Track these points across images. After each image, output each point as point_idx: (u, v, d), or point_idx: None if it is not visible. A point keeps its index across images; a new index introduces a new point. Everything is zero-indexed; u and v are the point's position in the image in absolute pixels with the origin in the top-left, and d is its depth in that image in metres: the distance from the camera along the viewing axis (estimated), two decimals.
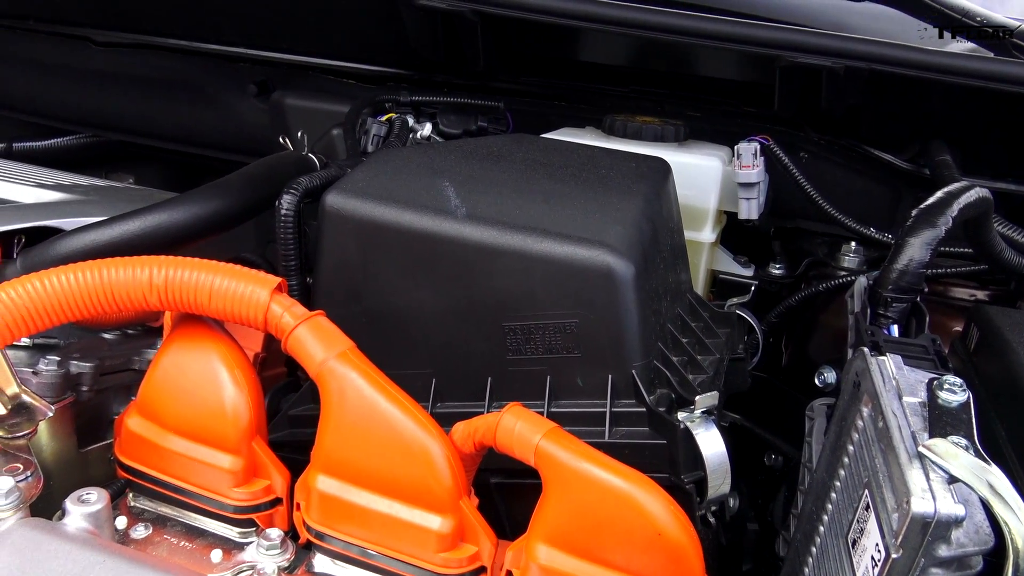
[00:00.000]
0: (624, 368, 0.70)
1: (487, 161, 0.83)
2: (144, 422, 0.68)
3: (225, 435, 0.65)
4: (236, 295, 0.64)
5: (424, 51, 1.10)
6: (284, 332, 0.64)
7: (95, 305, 0.64)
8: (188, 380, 0.66)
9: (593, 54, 1.17)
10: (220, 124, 1.42)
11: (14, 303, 0.61)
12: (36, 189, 1.08)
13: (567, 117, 1.20)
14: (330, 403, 0.63)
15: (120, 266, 0.64)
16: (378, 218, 0.74)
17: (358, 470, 0.63)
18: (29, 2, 1.41)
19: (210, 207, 0.91)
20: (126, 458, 0.69)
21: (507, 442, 0.61)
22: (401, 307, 0.75)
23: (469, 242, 0.71)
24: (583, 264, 0.69)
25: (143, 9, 1.37)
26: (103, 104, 1.50)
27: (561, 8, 0.94)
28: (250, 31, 1.34)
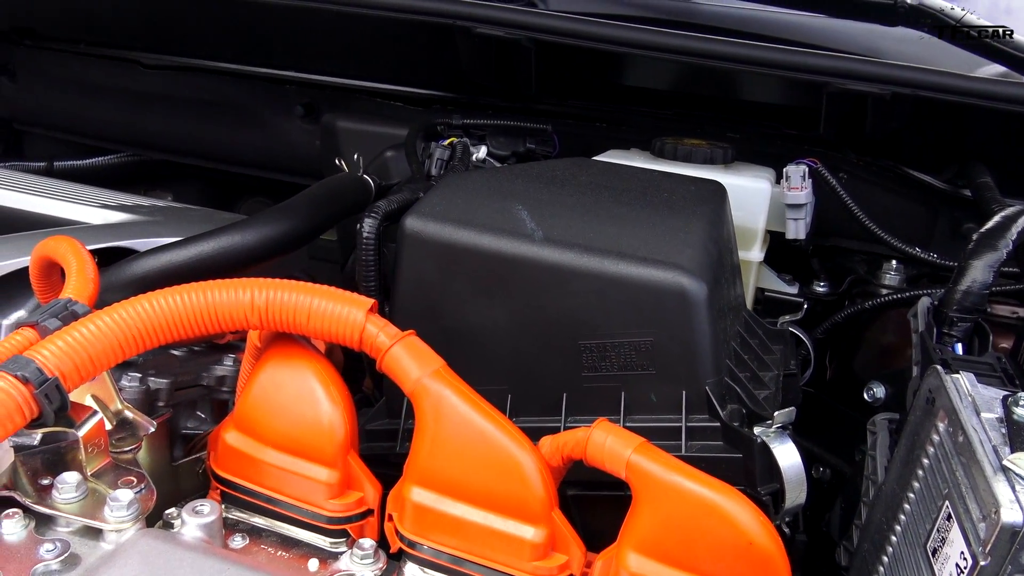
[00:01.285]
0: (697, 385, 0.73)
1: (553, 185, 0.87)
2: (241, 436, 0.71)
3: (322, 449, 0.68)
4: (333, 316, 0.67)
5: (476, 76, 1.14)
6: (380, 351, 0.67)
7: (200, 325, 0.67)
8: (285, 396, 0.70)
9: (638, 79, 1.21)
10: (265, 144, 1.46)
11: (126, 323, 0.64)
12: (101, 210, 1.11)
13: (609, 139, 1.24)
14: (425, 419, 0.66)
15: (223, 288, 0.67)
16: (457, 241, 0.77)
17: (453, 482, 0.66)
18: (83, 27, 1.45)
19: (279, 229, 0.94)
20: (222, 471, 0.72)
21: (598, 456, 0.64)
22: (477, 325, 0.78)
23: (547, 264, 0.75)
24: (658, 285, 0.72)
25: (192, 34, 1.41)
26: (148, 124, 1.54)
27: (617, 36, 0.98)
28: (298, 55, 1.38)
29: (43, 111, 1.65)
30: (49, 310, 0.67)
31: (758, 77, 1.08)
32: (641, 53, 0.99)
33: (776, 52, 0.96)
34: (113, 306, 0.65)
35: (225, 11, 1.31)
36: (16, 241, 0.96)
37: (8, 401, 0.58)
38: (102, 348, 0.63)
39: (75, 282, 0.73)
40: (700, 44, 0.95)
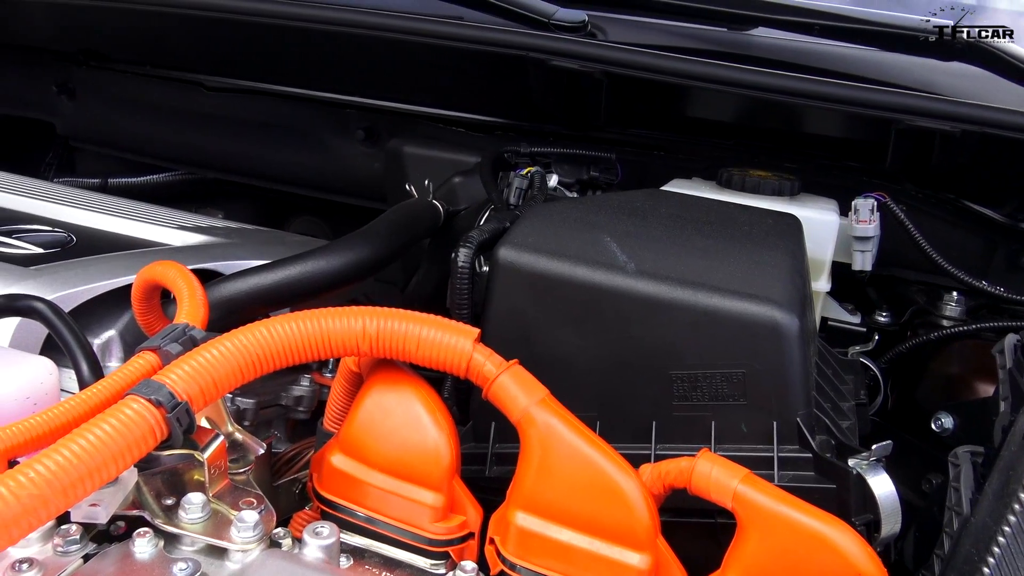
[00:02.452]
0: (789, 416, 0.75)
1: (636, 217, 0.89)
2: (347, 459, 0.73)
3: (429, 473, 0.71)
4: (441, 344, 0.69)
5: (546, 105, 1.17)
6: (487, 380, 0.69)
7: (314, 351, 0.70)
8: (392, 421, 0.72)
9: (700, 110, 1.23)
10: (323, 165, 1.49)
11: (247, 349, 0.67)
12: (178, 231, 1.14)
13: (667, 167, 1.26)
14: (531, 446, 0.69)
15: (337, 316, 0.70)
16: (550, 271, 0.80)
17: (558, 508, 0.68)
18: (150, 50, 1.48)
19: (362, 254, 0.97)
20: (327, 492, 0.74)
21: (703, 485, 0.66)
22: (568, 353, 0.80)
23: (640, 296, 0.77)
24: (752, 319, 0.74)
25: (256, 59, 1.44)
26: (206, 144, 1.57)
27: (692, 71, 1.00)
28: (360, 80, 1.41)
29: (100, 129, 1.69)
30: (169, 335, 0.70)
31: (823, 111, 1.10)
32: (716, 88, 1.02)
33: (849, 89, 0.98)
34: (232, 332, 0.68)
35: (289, 38, 1.34)
36: (106, 263, 0.99)
37: (143, 423, 0.60)
38: (224, 373, 0.65)
39: (188, 307, 0.75)
40: (776, 80, 0.98)
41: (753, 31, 1.39)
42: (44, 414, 0.62)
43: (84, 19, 1.46)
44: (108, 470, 0.58)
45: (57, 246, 1.06)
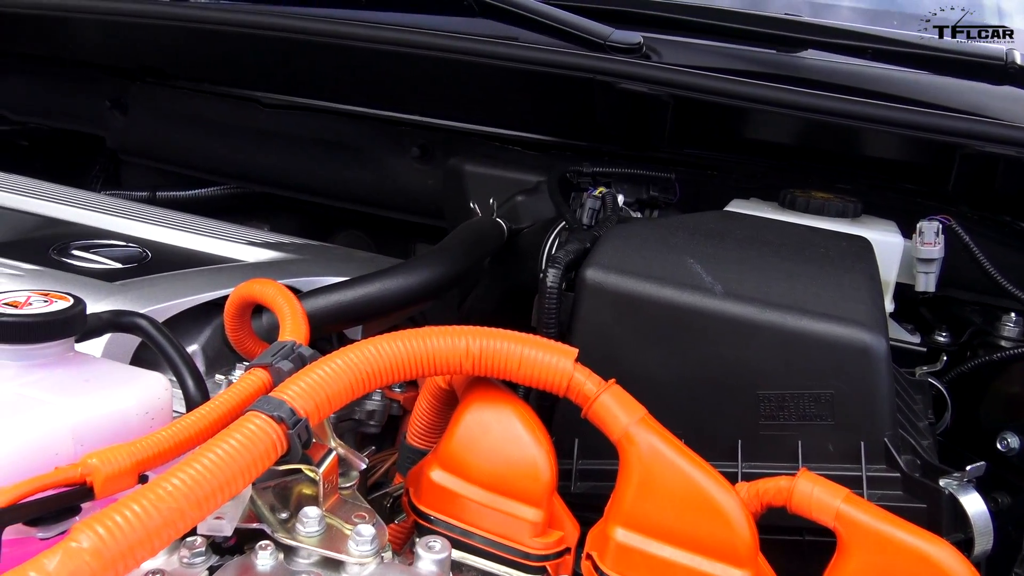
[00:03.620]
0: (876, 436, 0.77)
1: (713, 238, 0.91)
2: (446, 474, 0.75)
3: (529, 489, 0.72)
4: (542, 364, 0.71)
5: (609, 126, 1.19)
6: (587, 399, 0.71)
7: (419, 369, 0.71)
8: (491, 438, 0.74)
9: (761, 131, 1.25)
10: (377, 182, 1.51)
11: (357, 366, 0.69)
12: (248, 247, 1.16)
13: (722, 187, 1.28)
14: (631, 464, 0.70)
15: (441, 335, 0.72)
16: (638, 292, 0.82)
17: (658, 525, 0.69)
18: (210, 68, 1.51)
19: (437, 272, 0.99)
20: (425, 506, 0.76)
21: (804, 504, 0.68)
22: (653, 373, 0.82)
23: (728, 318, 0.79)
24: (840, 341, 0.76)
25: (313, 77, 1.47)
26: (260, 159, 1.60)
27: (763, 95, 1.02)
28: (416, 99, 1.43)
29: (150, 143, 1.71)
30: (279, 353, 0.72)
31: (884, 134, 1.12)
32: (783, 112, 1.04)
33: (919, 115, 1.00)
34: (343, 350, 0.70)
35: (346, 57, 1.37)
36: (188, 278, 1.02)
37: (266, 439, 0.62)
38: (337, 390, 0.67)
39: (290, 325, 0.77)
40: (848, 106, 1.00)
41: (803, 53, 1.41)
42: (169, 429, 0.64)
43: (144, 37, 1.48)
44: (236, 484, 0.60)
45: (133, 261, 1.09)
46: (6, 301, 0.69)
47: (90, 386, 0.67)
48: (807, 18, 1.43)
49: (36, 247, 1.10)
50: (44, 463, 0.61)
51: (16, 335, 0.67)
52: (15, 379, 0.66)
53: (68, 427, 0.62)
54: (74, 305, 0.70)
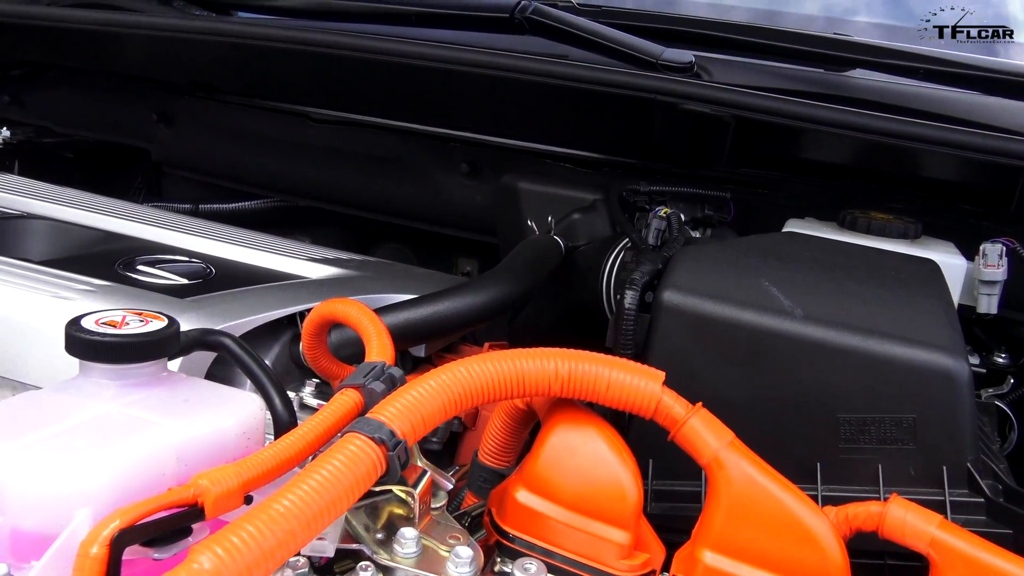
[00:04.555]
0: (959, 460, 0.77)
1: (783, 260, 0.92)
2: (531, 495, 0.75)
3: (616, 510, 0.73)
4: (631, 386, 0.72)
5: (668, 145, 1.20)
6: (676, 422, 0.72)
7: (509, 391, 0.72)
8: (578, 459, 0.74)
9: (818, 152, 1.26)
10: (426, 197, 1.52)
11: (450, 387, 0.69)
12: (310, 263, 1.17)
13: (773, 206, 1.29)
14: (719, 488, 0.71)
15: (531, 357, 0.72)
16: (717, 315, 0.82)
17: (748, 549, 0.70)
18: (261, 83, 1.52)
19: (504, 291, 1.00)
20: (509, 527, 0.76)
21: (897, 530, 0.68)
22: (730, 395, 0.83)
23: (808, 341, 0.79)
24: (923, 366, 0.77)
25: (363, 93, 1.48)
26: (307, 173, 1.61)
27: (827, 117, 1.03)
28: (467, 116, 1.44)
29: (195, 156, 1.73)
30: (371, 373, 0.72)
31: (943, 156, 1.12)
32: (845, 133, 1.04)
33: (982, 137, 1.01)
34: (435, 371, 0.70)
35: (396, 73, 1.38)
36: (258, 295, 1.03)
37: (367, 460, 0.62)
38: (431, 411, 0.68)
39: (377, 346, 0.78)
40: (914, 129, 1.00)
41: (850, 72, 1.42)
42: (271, 449, 0.64)
43: (195, 52, 1.50)
44: (341, 505, 0.60)
45: (199, 277, 1.10)
46: (104, 320, 0.70)
47: (190, 406, 0.68)
48: (856, 38, 1.43)
49: (101, 262, 1.11)
50: (152, 483, 0.61)
51: (117, 355, 0.68)
52: (116, 399, 0.67)
53: (173, 447, 0.63)
54: (169, 325, 0.71)
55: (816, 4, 1.65)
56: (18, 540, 0.56)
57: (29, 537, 0.56)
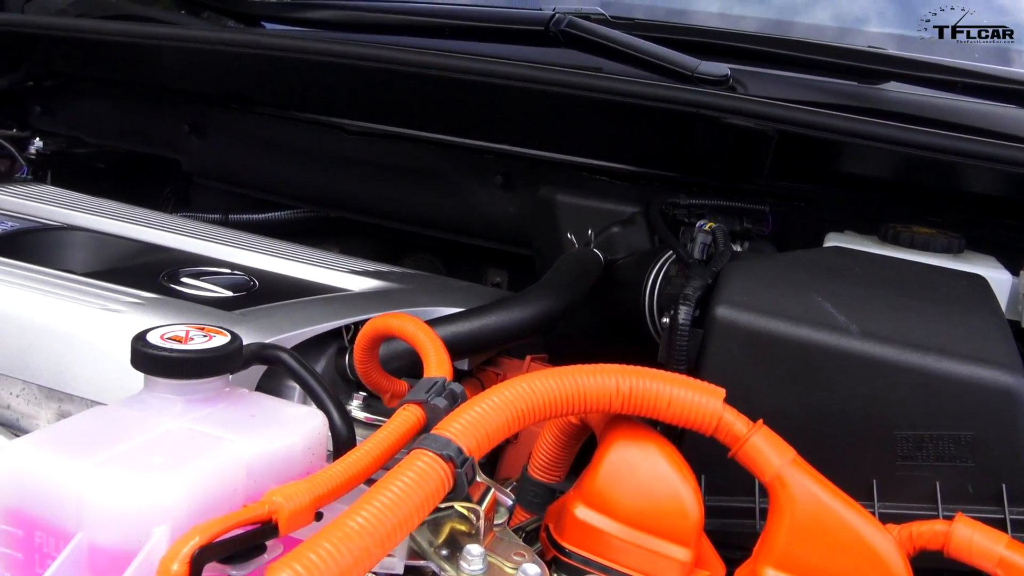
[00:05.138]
0: (1019, 478, 0.77)
1: (833, 275, 0.92)
2: (590, 511, 0.75)
3: (677, 527, 0.73)
4: (691, 403, 0.72)
5: (709, 159, 1.20)
6: (737, 439, 0.72)
7: (569, 407, 0.72)
8: (638, 476, 0.74)
9: (857, 165, 1.26)
10: (458, 209, 1.53)
11: (512, 403, 0.69)
12: (351, 276, 1.18)
13: (809, 219, 1.29)
14: (782, 505, 0.71)
15: (592, 374, 0.73)
16: (771, 331, 0.82)
17: (812, 567, 0.70)
18: (295, 94, 1.53)
19: (550, 305, 1.01)
20: (568, 543, 0.76)
21: (963, 549, 0.68)
22: (785, 411, 0.82)
23: (866, 358, 0.79)
24: (983, 383, 0.76)
25: (399, 106, 1.49)
26: (339, 184, 1.62)
27: (875, 132, 1.03)
28: (502, 128, 1.44)
29: (226, 167, 1.74)
30: (432, 389, 0.73)
31: (987, 170, 1.12)
32: (890, 148, 1.04)
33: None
34: (496, 388, 0.71)
35: (432, 86, 1.38)
36: (304, 308, 1.03)
37: (435, 477, 0.63)
38: (495, 427, 0.68)
39: (435, 362, 0.78)
40: (954, 143, 1.00)
41: (885, 85, 1.42)
42: (339, 465, 0.65)
43: (231, 64, 1.51)
44: (412, 522, 0.61)
45: (242, 289, 1.10)
46: (169, 335, 0.70)
47: (256, 422, 0.68)
48: (891, 51, 1.43)
49: (145, 274, 1.12)
50: (224, 500, 0.62)
51: (185, 370, 0.68)
52: (184, 414, 0.67)
53: (244, 463, 0.63)
54: (233, 340, 0.72)
55: (846, 16, 1.65)
56: (96, 556, 0.57)
57: (107, 553, 0.57)
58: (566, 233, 1.28)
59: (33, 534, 0.58)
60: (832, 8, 1.59)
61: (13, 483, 0.59)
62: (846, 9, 1.61)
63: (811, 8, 1.63)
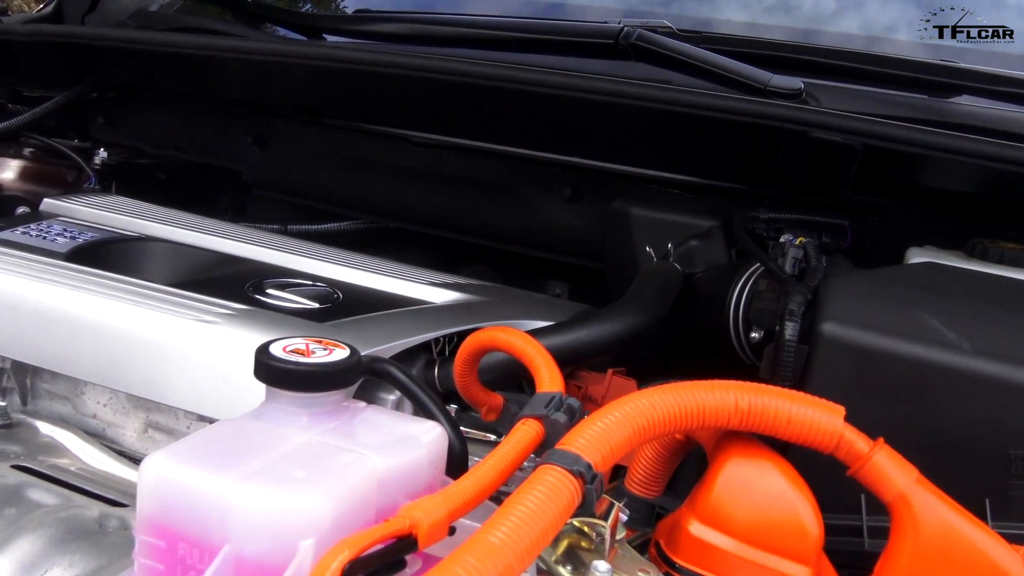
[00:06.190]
0: None
1: (935, 292, 0.91)
2: (705, 528, 0.75)
3: (797, 546, 0.72)
4: (811, 421, 0.71)
5: (791, 173, 1.19)
6: (859, 458, 0.71)
7: (687, 423, 0.72)
8: (755, 493, 0.74)
9: (940, 180, 1.25)
10: (524, 221, 1.52)
11: (632, 419, 0.69)
12: (430, 288, 1.18)
13: (882, 232, 1.28)
14: (906, 526, 0.70)
15: (710, 390, 0.72)
16: (880, 348, 0.82)
17: None
18: (362, 107, 1.54)
19: (640, 320, 1.01)
20: (682, 560, 0.76)
21: None
22: (892, 429, 0.81)
23: (980, 376, 0.79)
24: None
25: (466, 118, 1.49)
26: (402, 196, 1.62)
27: (967, 148, 1.02)
28: (569, 140, 1.44)
29: (289, 178, 1.75)
30: (551, 404, 0.73)
31: None
32: (972, 162, 1.04)
33: None
34: (617, 403, 0.70)
35: (499, 98, 1.38)
36: (394, 321, 1.03)
37: (567, 493, 0.63)
38: (618, 442, 0.68)
39: (549, 377, 0.78)
40: None
41: (956, 99, 1.41)
42: (468, 479, 0.65)
43: (298, 76, 1.52)
44: (547, 538, 0.60)
45: (328, 301, 1.11)
46: (291, 348, 0.70)
47: (382, 435, 0.68)
48: (963, 64, 1.43)
49: (231, 285, 1.13)
50: (361, 514, 0.62)
51: (311, 383, 0.68)
52: (311, 428, 0.67)
53: (377, 477, 0.63)
54: (352, 354, 0.72)
55: (912, 29, 1.64)
56: (242, 567, 0.57)
57: (253, 565, 0.57)
58: (642, 246, 1.27)
59: (176, 546, 0.58)
60: (901, 21, 1.58)
61: (156, 495, 0.59)
62: (913, 21, 1.60)
63: (875, 20, 1.63)
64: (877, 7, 1.67)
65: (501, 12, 1.75)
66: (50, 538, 0.76)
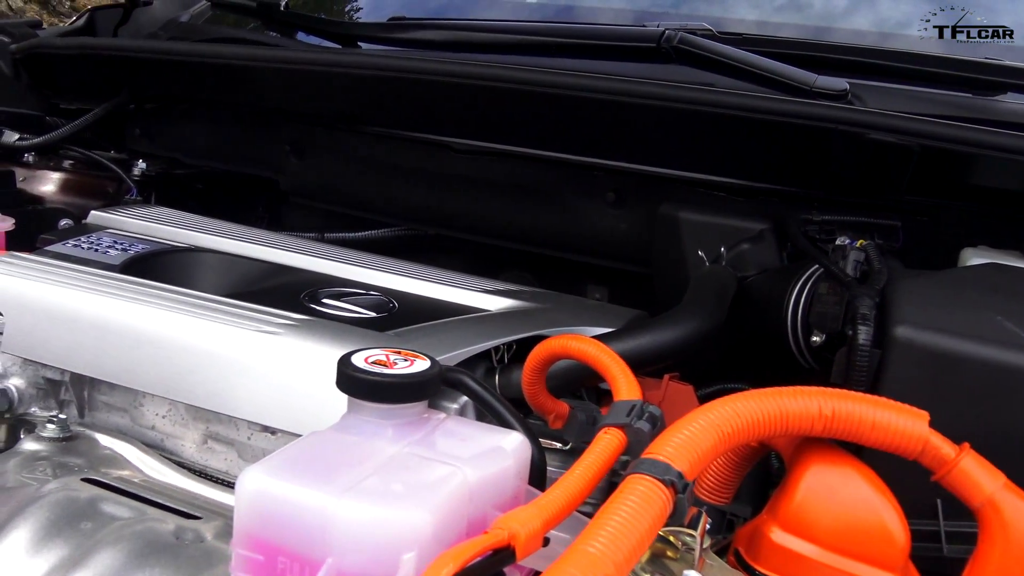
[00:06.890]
0: None
1: (1003, 294, 0.91)
2: (788, 535, 0.74)
3: (884, 553, 0.72)
4: (896, 427, 0.71)
5: (844, 174, 1.19)
6: (945, 463, 0.71)
7: (770, 429, 0.72)
8: (839, 500, 0.73)
9: (991, 180, 1.24)
10: (568, 226, 1.52)
11: (716, 427, 0.69)
12: (484, 295, 1.18)
13: (931, 233, 1.27)
14: (995, 531, 0.69)
15: (794, 396, 0.72)
16: (955, 351, 0.81)
17: None
18: (403, 114, 1.54)
19: (700, 325, 1.00)
20: (763, 567, 0.75)
21: None
22: (967, 433, 0.81)
23: None
24: None
25: (508, 123, 1.49)
26: (444, 202, 1.62)
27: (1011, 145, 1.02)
28: (612, 144, 1.44)
29: (327, 186, 1.75)
30: (632, 412, 0.72)
31: None
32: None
33: None
34: (701, 410, 0.70)
35: (541, 103, 1.38)
36: (455, 329, 1.03)
37: (659, 502, 0.62)
38: (705, 450, 0.68)
39: (626, 385, 0.78)
40: None
41: (1001, 97, 1.40)
42: (558, 490, 0.65)
43: (339, 85, 1.52)
44: (643, 548, 0.60)
45: (384, 310, 1.11)
46: (373, 359, 0.70)
47: (467, 446, 0.68)
48: (1008, 62, 1.42)
49: (285, 296, 1.13)
50: (456, 526, 0.62)
51: (396, 395, 0.68)
52: (399, 440, 0.67)
53: (469, 488, 0.63)
54: (433, 365, 0.72)
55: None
56: None
57: None
58: (692, 251, 1.27)
59: (275, 560, 0.58)
60: (940, 19, 1.57)
61: (254, 510, 0.59)
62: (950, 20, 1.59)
63: (913, 19, 1.62)
64: (908, 5, 1.66)
65: (535, 18, 1.75)
66: (130, 552, 0.76)
